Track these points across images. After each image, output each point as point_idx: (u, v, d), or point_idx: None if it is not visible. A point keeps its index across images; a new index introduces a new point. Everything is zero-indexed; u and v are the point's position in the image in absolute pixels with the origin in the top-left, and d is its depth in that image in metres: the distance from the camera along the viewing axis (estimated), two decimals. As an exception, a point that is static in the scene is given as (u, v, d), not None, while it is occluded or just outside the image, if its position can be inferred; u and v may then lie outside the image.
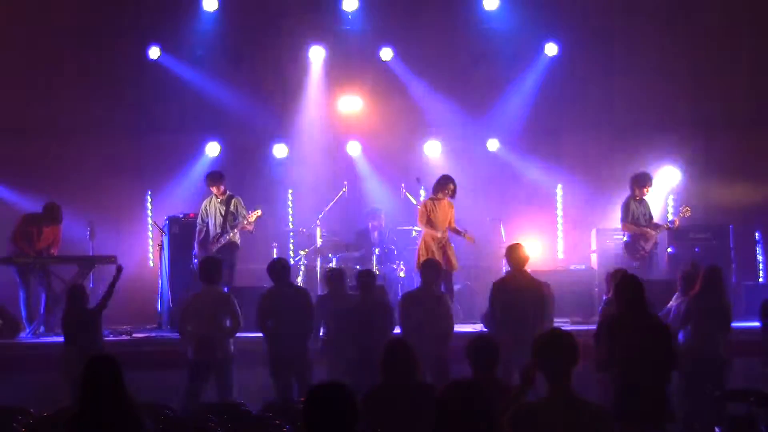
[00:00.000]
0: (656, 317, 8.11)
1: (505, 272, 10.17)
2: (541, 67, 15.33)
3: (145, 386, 7.77)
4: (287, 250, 15.04)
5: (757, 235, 14.43)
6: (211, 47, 15.13)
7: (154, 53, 14.89)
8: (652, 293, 11.43)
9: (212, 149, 15.27)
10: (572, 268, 14.11)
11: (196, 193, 14.47)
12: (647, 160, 14.38)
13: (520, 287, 9.64)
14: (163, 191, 15.16)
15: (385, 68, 15.31)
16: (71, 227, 13.47)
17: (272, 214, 14.81)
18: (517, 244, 10.06)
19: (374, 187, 15.25)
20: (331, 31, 15.29)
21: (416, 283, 10.27)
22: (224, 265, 12.02)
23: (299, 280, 13.53)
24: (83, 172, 14.79)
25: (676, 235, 13.48)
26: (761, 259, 14.37)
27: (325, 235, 14.10)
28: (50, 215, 12.78)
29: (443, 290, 11.58)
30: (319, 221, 14.05)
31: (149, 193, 15.35)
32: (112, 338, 11.63)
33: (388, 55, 15.22)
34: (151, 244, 15.10)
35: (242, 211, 12.81)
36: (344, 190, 14.34)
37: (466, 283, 13.66)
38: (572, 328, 10.93)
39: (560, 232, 15.66)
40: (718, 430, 7.84)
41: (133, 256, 14.57)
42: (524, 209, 15.10)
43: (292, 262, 13.66)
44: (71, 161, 14.86)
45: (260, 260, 12.65)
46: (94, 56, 14.74)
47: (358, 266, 13.51)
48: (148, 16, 14.88)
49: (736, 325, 10.62)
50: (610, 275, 10.03)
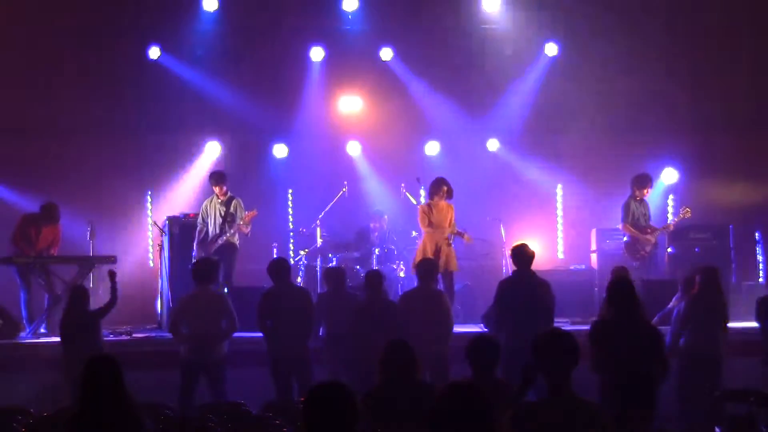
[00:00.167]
0: (647, 320, 8.01)
1: (511, 272, 10.15)
2: (541, 67, 15.35)
3: (145, 386, 7.75)
4: (287, 250, 15.05)
5: (757, 235, 14.44)
6: (211, 47, 15.12)
7: (154, 53, 14.90)
8: (652, 293, 11.59)
9: (212, 149, 15.28)
10: (572, 268, 14.13)
11: (196, 193, 14.51)
12: (647, 160, 14.39)
13: (526, 287, 9.64)
14: (163, 191, 15.18)
15: (385, 68, 15.32)
16: (71, 227, 13.47)
17: (272, 214, 14.83)
18: (523, 243, 10.04)
19: (374, 187, 15.25)
20: (331, 31, 15.29)
21: (416, 283, 10.27)
22: (222, 265, 12.07)
23: (299, 280, 13.54)
24: (83, 172, 14.80)
25: (676, 235, 13.48)
26: (761, 259, 14.37)
27: (325, 235, 14.11)
28: (48, 215, 12.77)
29: (443, 291, 11.60)
30: (319, 221, 14.06)
31: (149, 193, 15.37)
32: (112, 338, 11.62)
33: (388, 55, 15.23)
34: (151, 244, 15.10)
35: (240, 213, 12.79)
36: (344, 190, 14.35)
37: (466, 283, 13.66)
38: (572, 328, 10.92)
39: (560, 232, 15.67)
40: (718, 430, 7.84)
41: (133, 256, 14.60)
42: (524, 209, 15.11)
43: (292, 262, 13.66)
44: (71, 161, 14.87)
45: (260, 260, 12.65)
46: (94, 56, 14.74)
47: (358, 266, 13.52)
48: (148, 16, 14.86)
49: (736, 325, 10.67)
50: (612, 274, 10.06)
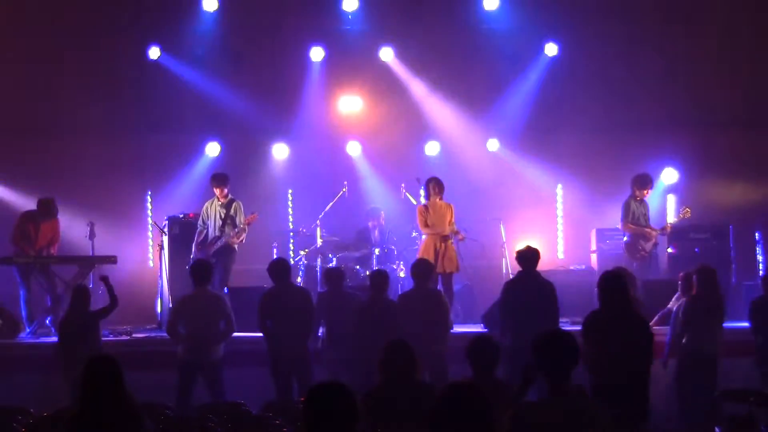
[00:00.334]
0: (639, 316, 7.97)
1: (511, 272, 10.18)
2: (541, 67, 15.34)
3: (145, 386, 7.75)
4: (287, 250, 15.04)
5: (757, 235, 14.42)
6: (211, 47, 15.12)
7: (154, 53, 14.89)
8: (652, 293, 11.59)
9: (212, 149, 15.28)
10: (572, 268, 14.12)
11: (196, 193, 14.49)
12: (647, 160, 14.38)
13: (531, 288, 9.66)
14: (163, 191, 15.16)
15: (385, 68, 15.31)
16: (71, 227, 13.47)
17: (272, 214, 14.82)
18: (529, 246, 10.11)
19: (374, 187, 15.24)
20: (331, 31, 15.29)
21: (412, 284, 10.31)
22: (220, 267, 12.08)
23: (299, 280, 13.53)
24: (83, 172, 14.79)
25: (676, 235, 13.48)
26: (761, 259, 14.36)
27: (325, 235, 14.10)
28: (45, 210, 12.74)
29: (443, 291, 11.61)
30: (319, 221, 14.05)
31: (149, 193, 15.36)
32: (112, 338, 11.63)
33: (388, 55, 15.22)
34: (151, 244, 15.10)
35: (240, 216, 12.75)
36: (344, 190, 14.35)
37: (466, 283, 13.65)
38: (572, 328, 10.90)
39: (560, 232, 15.66)
40: (718, 430, 7.84)
41: (133, 256, 14.58)
42: (524, 209, 15.09)
43: (292, 262, 13.65)
44: (71, 161, 14.86)
45: (260, 260, 12.65)
46: (94, 56, 14.74)
47: (358, 266, 13.52)
48: (148, 16, 14.87)
49: (736, 325, 10.69)
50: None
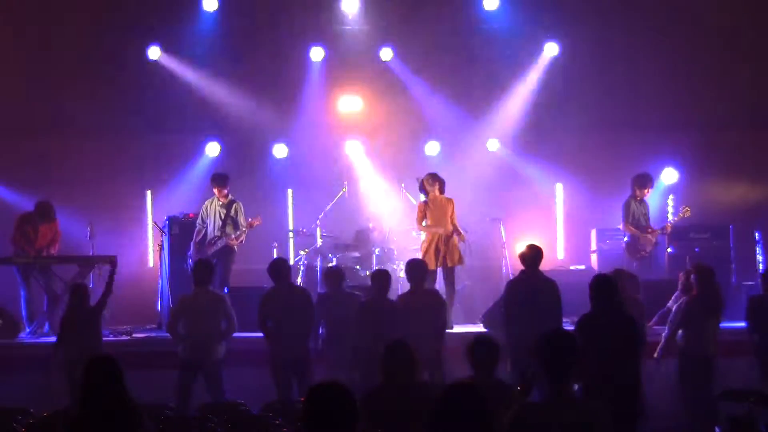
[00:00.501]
0: (629, 318, 8.07)
1: (511, 271, 10.19)
2: (541, 67, 15.33)
3: (145, 386, 7.75)
4: (287, 250, 15.02)
5: (757, 235, 14.41)
6: (211, 47, 15.11)
7: (154, 53, 14.89)
8: (652, 293, 11.58)
9: (212, 149, 15.27)
10: (572, 268, 14.10)
11: (196, 193, 14.48)
12: (647, 160, 14.37)
13: (534, 287, 9.67)
14: (163, 191, 15.16)
15: (385, 68, 15.29)
16: (71, 227, 13.46)
17: (272, 214, 14.81)
18: (530, 244, 10.11)
19: (374, 187, 15.24)
20: (331, 31, 15.28)
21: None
22: (220, 267, 12.08)
23: (299, 280, 13.53)
24: (83, 172, 14.80)
25: (676, 235, 13.47)
26: (761, 259, 14.35)
27: (325, 235, 14.09)
28: (43, 214, 12.74)
29: (445, 287, 11.62)
30: (319, 221, 14.05)
31: (149, 193, 15.36)
32: (112, 338, 11.64)
33: (388, 55, 15.21)
34: (151, 244, 15.09)
35: (241, 218, 12.73)
36: (344, 190, 14.34)
37: (465, 283, 13.65)
38: (572, 328, 10.89)
39: (560, 232, 15.65)
40: (718, 430, 7.84)
41: (133, 256, 14.59)
42: (524, 209, 15.08)
43: (292, 262, 13.65)
44: (71, 161, 14.86)
45: (260, 260, 12.64)
46: (94, 56, 14.74)
47: (358, 266, 13.52)
48: (148, 16, 14.86)
49: (737, 325, 10.68)
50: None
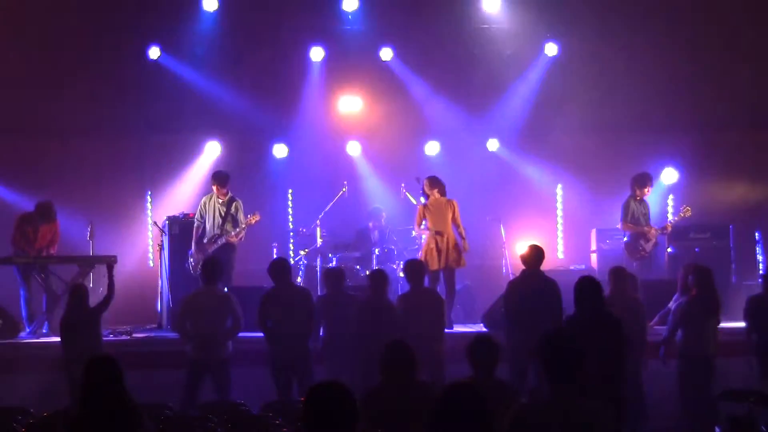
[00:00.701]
0: (613, 319, 8.08)
1: (511, 271, 10.22)
2: (541, 67, 15.33)
3: (145, 386, 7.76)
4: (287, 250, 15.04)
5: (757, 235, 14.42)
6: (211, 47, 15.10)
7: (154, 53, 14.89)
8: (652, 293, 11.58)
9: (212, 149, 15.28)
10: (572, 268, 14.09)
11: (196, 193, 14.49)
12: (647, 160, 14.37)
13: (536, 287, 9.69)
14: (163, 191, 15.17)
15: (385, 68, 15.30)
16: (71, 227, 13.46)
17: (272, 214, 14.82)
18: (532, 245, 10.15)
19: (374, 187, 15.24)
20: (331, 31, 15.28)
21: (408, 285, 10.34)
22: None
23: (299, 280, 13.53)
24: (83, 172, 14.81)
25: (676, 235, 13.47)
26: (761, 259, 14.36)
27: (325, 235, 14.10)
28: (43, 214, 12.72)
29: (445, 288, 11.63)
30: (319, 221, 14.05)
31: (149, 193, 15.36)
32: (112, 338, 11.63)
33: (388, 55, 15.21)
34: (151, 244, 15.10)
35: (241, 216, 12.74)
36: (344, 190, 14.35)
37: (465, 283, 13.65)
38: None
39: (560, 232, 15.66)
40: (718, 430, 7.85)
41: (133, 256, 14.59)
42: (524, 209, 15.09)
43: (292, 262, 13.65)
44: (71, 161, 14.87)
45: (260, 260, 12.66)
46: (94, 56, 14.74)
47: (358, 266, 13.52)
48: (148, 16, 14.85)
49: (736, 325, 10.68)
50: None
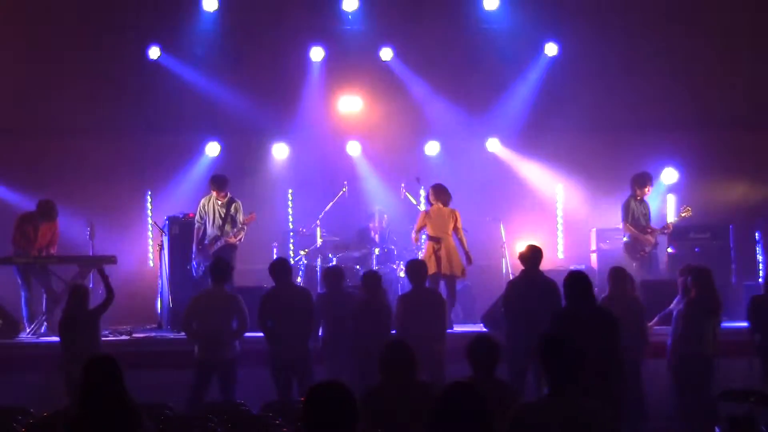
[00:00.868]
0: (604, 311, 8.25)
1: (511, 272, 10.25)
2: (541, 67, 15.33)
3: (145, 386, 7.74)
4: (287, 250, 15.03)
5: (757, 235, 14.41)
6: (211, 47, 15.11)
7: (154, 53, 14.88)
8: (652, 293, 11.58)
9: (212, 149, 15.27)
10: (572, 268, 14.07)
11: (196, 193, 14.47)
12: (647, 160, 14.36)
13: (534, 287, 9.70)
14: (163, 191, 15.16)
15: (385, 68, 15.29)
16: (71, 227, 13.46)
17: (272, 214, 14.82)
18: (530, 245, 10.17)
19: (374, 187, 15.24)
20: (331, 31, 15.28)
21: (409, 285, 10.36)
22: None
23: (299, 280, 13.53)
24: (83, 172, 14.79)
25: (676, 235, 13.46)
26: (761, 259, 14.35)
27: (325, 235, 14.10)
28: (45, 212, 12.71)
29: (445, 295, 11.62)
30: (319, 221, 14.05)
31: (149, 193, 15.36)
32: (112, 338, 11.64)
33: (388, 55, 15.21)
34: (151, 244, 15.09)
35: (240, 216, 12.75)
36: (344, 190, 14.35)
37: (466, 283, 13.65)
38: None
39: (560, 232, 15.65)
40: (718, 430, 7.85)
41: (133, 256, 14.58)
42: (524, 209, 15.09)
43: (292, 262, 13.65)
44: (71, 161, 14.85)
45: (260, 260, 12.66)
46: (94, 56, 14.74)
47: (358, 266, 13.52)
48: (148, 16, 14.86)
49: (737, 325, 10.70)
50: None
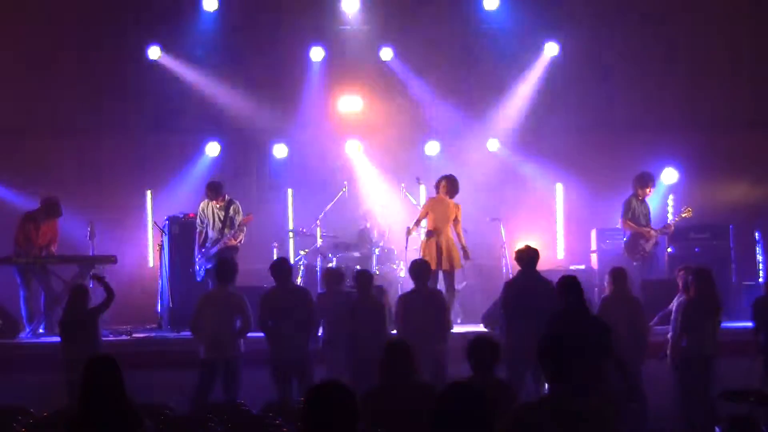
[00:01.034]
0: (591, 313, 8.62)
1: (511, 272, 10.26)
2: (541, 67, 15.33)
3: (145, 386, 7.76)
4: (287, 250, 15.02)
5: (757, 235, 14.41)
6: (211, 47, 15.11)
7: (154, 53, 14.88)
8: (652, 293, 11.59)
9: (212, 149, 15.26)
10: (572, 268, 14.09)
11: (196, 193, 14.46)
12: (647, 160, 14.36)
13: (531, 288, 9.70)
14: (163, 191, 15.15)
15: (385, 68, 15.29)
16: (71, 227, 13.45)
17: (272, 214, 14.82)
18: (527, 245, 10.18)
19: (374, 187, 15.24)
20: (331, 31, 15.28)
21: (412, 284, 10.33)
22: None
23: (299, 280, 13.53)
24: (83, 172, 14.79)
25: (676, 235, 13.47)
26: (761, 259, 14.35)
27: (325, 235, 14.10)
28: (50, 210, 12.71)
29: (445, 289, 11.62)
30: (319, 221, 14.05)
31: (149, 193, 15.35)
32: (112, 338, 11.64)
33: (388, 55, 15.21)
34: (151, 244, 15.09)
35: (238, 218, 12.75)
36: (344, 190, 14.35)
37: (466, 283, 13.65)
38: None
39: (560, 232, 15.65)
40: (718, 430, 7.85)
41: (133, 256, 14.58)
42: (524, 209, 15.07)
43: (291, 262, 13.65)
44: (71, 161, 14.86)
45: (260, 260, 12.66)
46: (94, 56, 14.74)
47: (358, 266, 13.51)
48: (148, 16, 14.87)
49: (737, 325, 10.70)
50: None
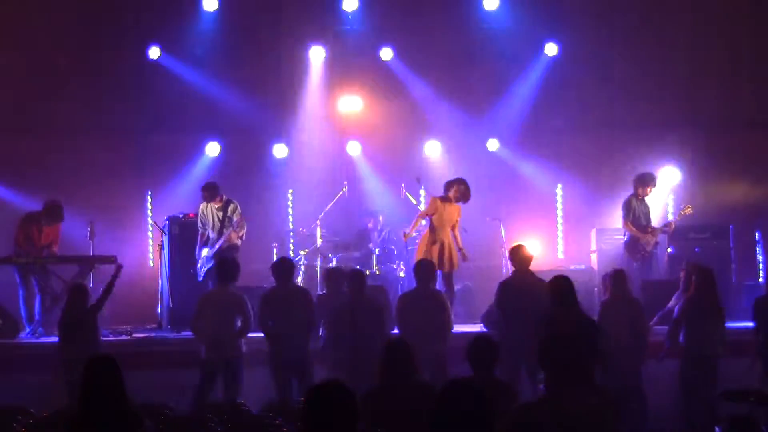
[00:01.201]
0: (583, 314, 8.75)
1: (511, 273, 10.25)
2: (541, 67, 15.33)
3: (145, 386, 7.75)
4: (287, 250, 15.03)
5: (757, 235, 14.42)
6: (211, 47, 15.11)
7: (154, 53, 14.89)
8: (652, 293, 11.58)
9: (212, 149, 15.27)
10: (572, 268, 14.08)
11: (196, 193, 14.40)
12: (647, 160, 14.37)
13: (526, 287, 9.71)
14: (163, 191, 15.15)
15: (385, 68, 15.30)
16: (71, 227, 13.44)
17: (272, 214, 14.82)
18: (519, 245, 10.16)
19: (374, 187, 15.24)
20: (331, 31, 15.29)
21: (415, 284, 10.31)
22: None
23: (299, 280, 13.53)
24: (83, 172, 14.78)
25: (676, 235, 13.46)
26: (761, 259, 14.36)
27: (325, 235, 14.10)
28: (52, 215, 12.68)
29: (444, 290, 11.60)
30: (319, 221, 14.05)
31: (149, 193, 15.35)
32: (112, 338, 11.64)
33: (388, 55, 15.22)
34: (151, 244, 15.09)
35: (236, 218, 12.76)
36: (344, 190, 14.35)
37: (466, 283, 13.66)
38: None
39: (560, 232, 15.65)
40: (718, 429, 7.85)
41: (133, 256, 14.55)
42: (524, 209, 15.08)
43: (292, 262, 13.65)
44: (71, 161, 14.85)
45: (261, 260, 12.66)
46: (94, 56, 14.74)
47: (358, 266, 13.51)
48: (148, 16, 14.87)
49: (736, 325, 10.69)
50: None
